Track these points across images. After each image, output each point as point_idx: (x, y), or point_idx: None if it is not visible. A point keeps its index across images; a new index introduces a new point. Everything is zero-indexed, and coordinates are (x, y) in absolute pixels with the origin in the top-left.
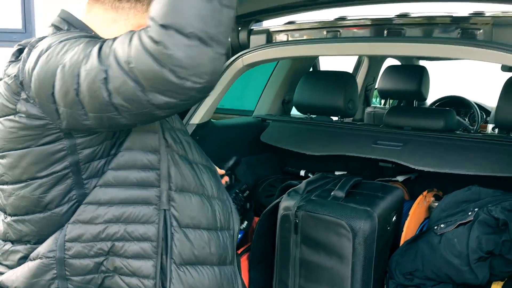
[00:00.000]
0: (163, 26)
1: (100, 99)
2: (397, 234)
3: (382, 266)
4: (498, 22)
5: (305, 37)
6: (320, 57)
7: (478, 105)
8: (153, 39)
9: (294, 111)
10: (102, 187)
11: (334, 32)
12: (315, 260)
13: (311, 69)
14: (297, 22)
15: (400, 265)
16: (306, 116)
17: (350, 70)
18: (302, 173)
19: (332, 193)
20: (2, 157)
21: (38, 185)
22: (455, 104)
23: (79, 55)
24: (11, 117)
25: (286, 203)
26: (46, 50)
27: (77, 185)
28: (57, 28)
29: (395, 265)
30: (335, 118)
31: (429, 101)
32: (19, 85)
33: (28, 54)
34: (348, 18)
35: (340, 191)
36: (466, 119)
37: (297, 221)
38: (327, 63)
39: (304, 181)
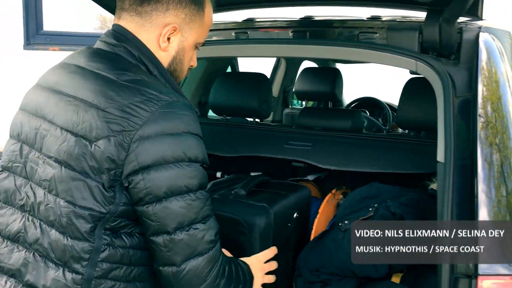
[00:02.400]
0: None
1: None
2: (303, 232)
3: (284, 263)
4: (392, 26)
5: (217, 38)
6: (238, 58)
7: (390, 106)
8: None
9: (212, 113)
10: None
11: (243, 34)
12: None
13: (228, 70)
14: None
15: (307, 262)
16: (222, 117)
17: (269, 71)
18: (219, 174)
19: (233, 191)
20: None
21: None
22: (369, 105)
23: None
24: None
25: None
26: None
27: None
28: (104, 40)
29: (303, 262)
30: (250, 119)
31: (347, 102)
32: (125, 140)
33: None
34: (257, 19)
35: (242, 190)
36: (380, 119)
37: None
38: (244, 64)
39: (211, 182)
